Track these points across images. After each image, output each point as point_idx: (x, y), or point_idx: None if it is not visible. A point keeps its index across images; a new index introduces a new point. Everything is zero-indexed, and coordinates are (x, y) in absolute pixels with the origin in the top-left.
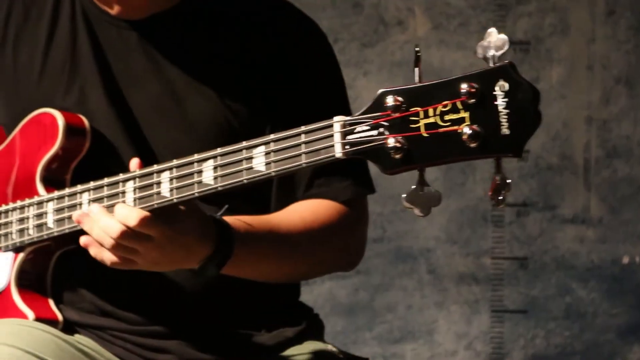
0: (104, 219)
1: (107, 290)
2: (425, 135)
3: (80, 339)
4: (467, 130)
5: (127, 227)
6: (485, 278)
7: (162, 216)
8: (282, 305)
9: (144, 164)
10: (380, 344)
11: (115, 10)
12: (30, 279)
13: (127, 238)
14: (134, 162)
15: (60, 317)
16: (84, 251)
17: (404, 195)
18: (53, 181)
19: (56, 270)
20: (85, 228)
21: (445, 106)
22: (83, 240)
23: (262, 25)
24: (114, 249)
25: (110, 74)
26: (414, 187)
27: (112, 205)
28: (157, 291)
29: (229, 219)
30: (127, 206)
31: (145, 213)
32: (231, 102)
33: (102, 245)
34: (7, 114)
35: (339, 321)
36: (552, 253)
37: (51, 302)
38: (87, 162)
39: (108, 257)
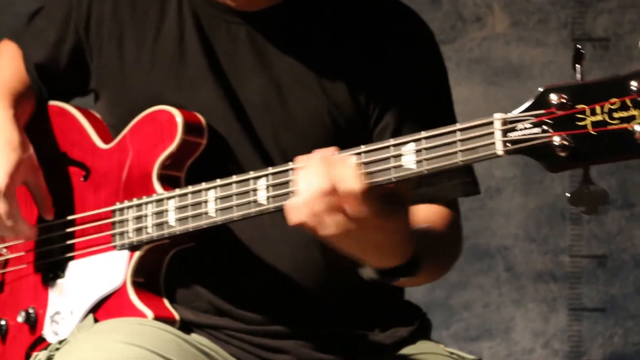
0: (319, 166)
1: (224, 289)
2: (593, 133)
3: (197, 338)
4: (638, 128)
5: (340, 189)
6: (563, 276)
7: (382, 200)
8: (394, 305)
9: (256, 160)
10: (456, 342)
11: (235, 2)
12: (144, 278)
13: (330, 198)
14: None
15: (177, 316)
16: (199, 249)
17: (568, 195)
18: (168, 179)
19: (168, 269)
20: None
21: (613, 104)
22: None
23: (371, 22)
24: (307, 203)
25: (219, 69)
26: (579, 186)
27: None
28: (273, 290)
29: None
30: (354, 169)
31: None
32: (337, 98)
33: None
34: (114, 114)
35: None
36: (631, 251)
37: (166, 301)
38: (200, 158)
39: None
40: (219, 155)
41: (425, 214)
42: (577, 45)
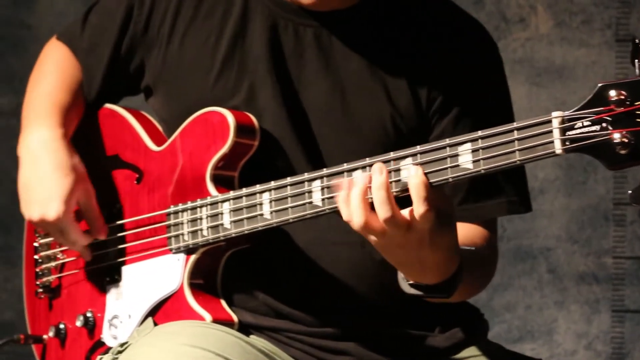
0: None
1: (282, 291)
2: None
3: (257, 340)
4: None
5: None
6: (606, 278)
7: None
8: (453, 305)
9: (313, 164)
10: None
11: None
12: (201, 281)
13: (384, 200)
14: None
15: (235, 318)
16: (256, 252)
17: (630, 192)
18: (222, 179)
19: (224, 271)
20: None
21: None
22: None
23: (439, 33)
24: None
25: (282, 72)
26: None
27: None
28: (332, 292)
29: None
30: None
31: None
32: (401, 106)
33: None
34: (169, 111)
35: None
36: None
37: (223, 303)
38: (254, 160)
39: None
40: (274, 155)
41: (466, 233)
42: (636, 40)
